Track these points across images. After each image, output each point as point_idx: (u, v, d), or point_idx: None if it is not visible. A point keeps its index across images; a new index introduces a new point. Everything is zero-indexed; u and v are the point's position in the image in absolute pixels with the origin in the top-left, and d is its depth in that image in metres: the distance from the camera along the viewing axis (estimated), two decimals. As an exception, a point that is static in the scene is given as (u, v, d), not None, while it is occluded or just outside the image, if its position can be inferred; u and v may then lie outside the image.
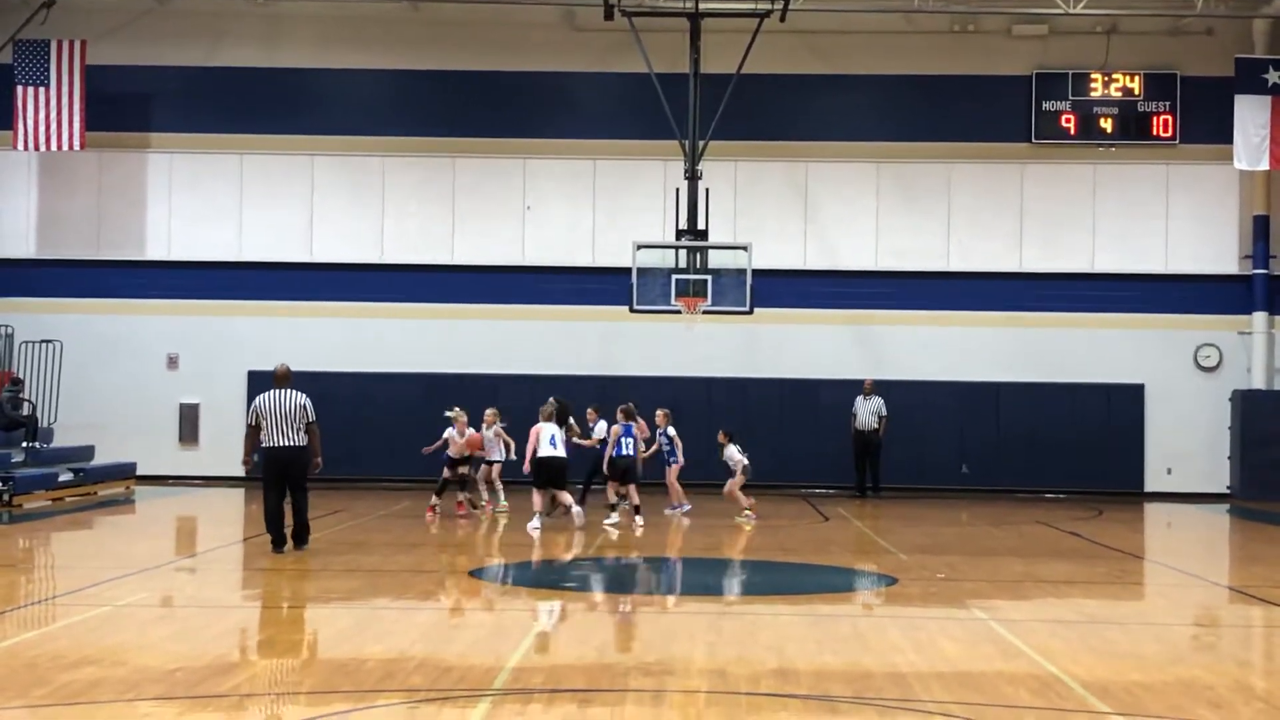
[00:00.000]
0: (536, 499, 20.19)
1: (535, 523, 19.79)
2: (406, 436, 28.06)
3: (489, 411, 22.81)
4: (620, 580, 16.60)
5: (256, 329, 29.08)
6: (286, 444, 16.60)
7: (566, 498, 20.49)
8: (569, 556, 18.07)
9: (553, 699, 9.22)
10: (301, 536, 17.04)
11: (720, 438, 22.58)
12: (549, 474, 20.02)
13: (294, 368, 17.66)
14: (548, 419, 20.26)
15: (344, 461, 25.51)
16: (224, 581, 15.54)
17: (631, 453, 21.13)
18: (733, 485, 22.30)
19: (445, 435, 22.26)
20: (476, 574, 15.33)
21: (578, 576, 16.52)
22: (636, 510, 20.78)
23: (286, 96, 29.49)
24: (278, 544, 16.82)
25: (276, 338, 28.59)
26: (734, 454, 22.26)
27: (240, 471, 18.39)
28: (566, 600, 14.59)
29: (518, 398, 25.83)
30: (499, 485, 22.86)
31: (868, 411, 27.47)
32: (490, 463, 22.77)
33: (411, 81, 29.57)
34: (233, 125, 29.47)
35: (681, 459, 22.60)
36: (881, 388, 27.72)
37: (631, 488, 21.04)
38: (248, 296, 29.27)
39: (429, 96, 29.53)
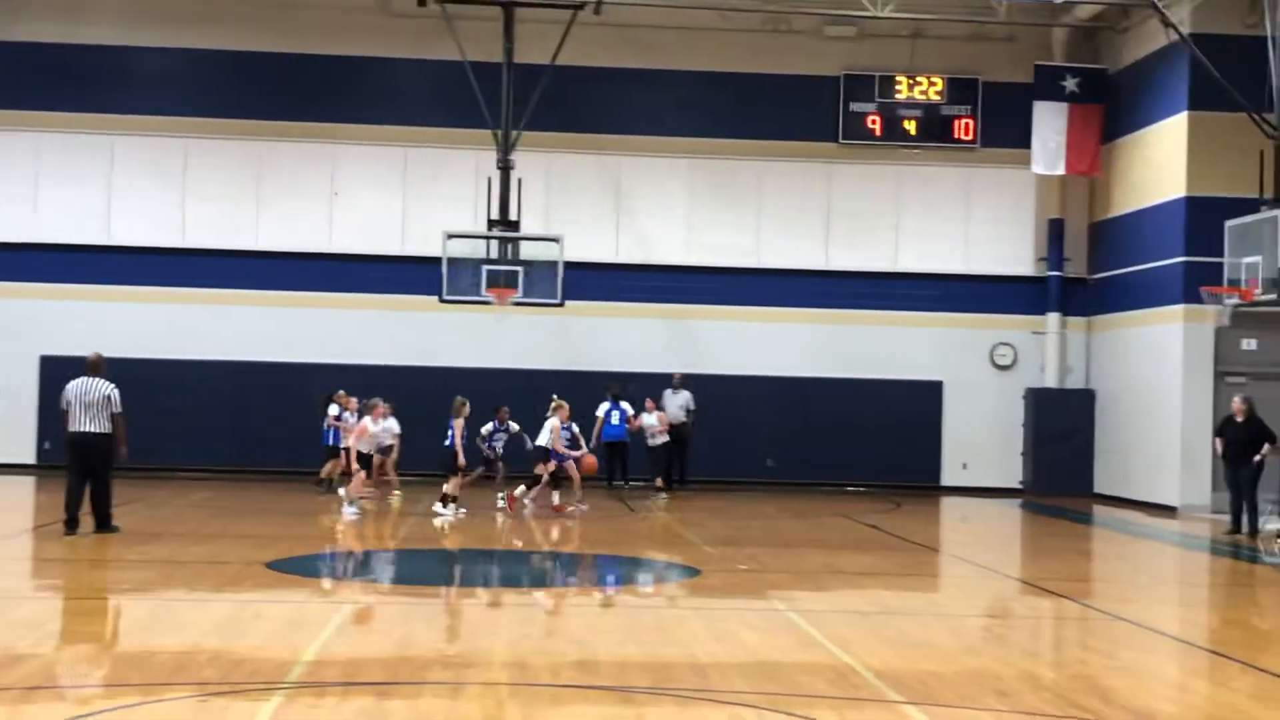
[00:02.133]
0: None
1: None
2: (206, 425, 27.59)
3: (382, 403, 22.39)
4: (423, 573, 16.46)
5: (51, 313, 28.13)
6: (88, 430, 16.75)
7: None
8: (372, 548, 17.87)
9: (348, 692, 9.10)
10: (103, 522, 17.05)
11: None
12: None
13: (84, 353, 17.39)
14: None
15: (140, 450, 24.80)
16: (12, 571, 15.05)
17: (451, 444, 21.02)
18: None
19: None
20: (275, 566, 15.06)
21: (380, 569, 16.34)
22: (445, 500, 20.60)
23: (87, 74, 28.57)
24: (69, 525, 16.77)
25: (72, 322, 27.69)
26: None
27: (32, 459, 17.90)
28: (367, 592, 14.44)
29: (324, 387, 25.42)
30: (393, 475, 22.97)
31: (676, 405, 27.63)
32: (384, 451, 22.71)
33: (218, 62, 28.91)
34: (29, 102, 28.46)
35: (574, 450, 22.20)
36: (692, 381, 27.91)
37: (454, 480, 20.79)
38: (42, 279, 28.30)
39: (236, 78, 28.90)
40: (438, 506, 20.70)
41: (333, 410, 23.65)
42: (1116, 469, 28.29)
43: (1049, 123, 28.53)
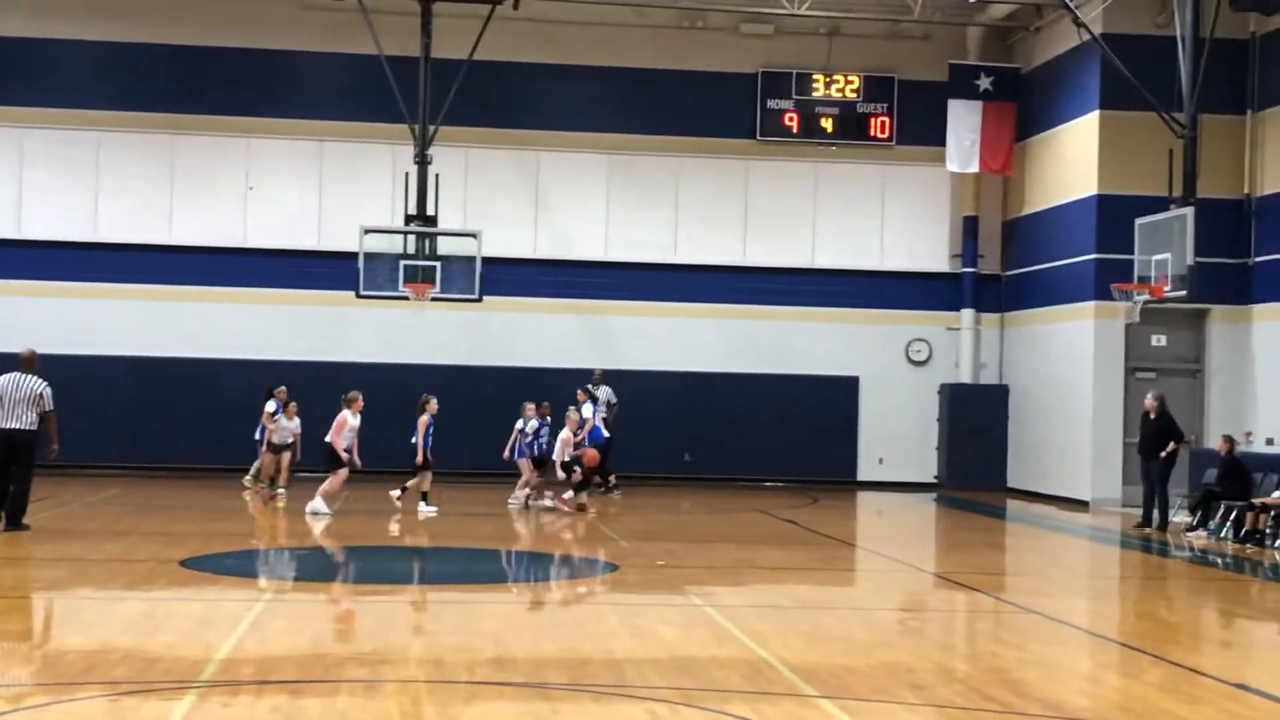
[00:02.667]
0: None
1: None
2: (118, 421, 27.23)
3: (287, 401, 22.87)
4: (339, 570, 16.36)
5: (-42, 308, 27.65)
6: (14, 427, 16.70)
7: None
8: (288, 546, 17.72)
9: (262, 690, 9.02)
10: (14, 519, 16.91)
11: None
12: None
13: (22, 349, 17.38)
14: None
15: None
16: (-84, 572, 14.77)
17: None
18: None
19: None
20: (189, 564, 14.90)
21: (295, 566, 16.22)
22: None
23: (-6, 66, 28.15)
24: None
25: (-20, 317, 27.27)
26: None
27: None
28: (282, 590, 14.33)
29: (238, 383, 25.22)
30: (285, 474, 22.86)
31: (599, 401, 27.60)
32: (285, 448, 22.77)
33: (130, 54, 28.52)
34: (-66, 94, 28.00)
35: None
36: (609, 377, 27.89)
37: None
38: (-52, 273, 27.84)
39: (149, 70, 28.53)
40: (421, 505, 20.69)
41: (269, 406, 23.19)
42: (1030, 464, 28.63)
43: (963, 121, 28.82)
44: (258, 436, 23.58)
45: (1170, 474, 21.80)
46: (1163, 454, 21.44)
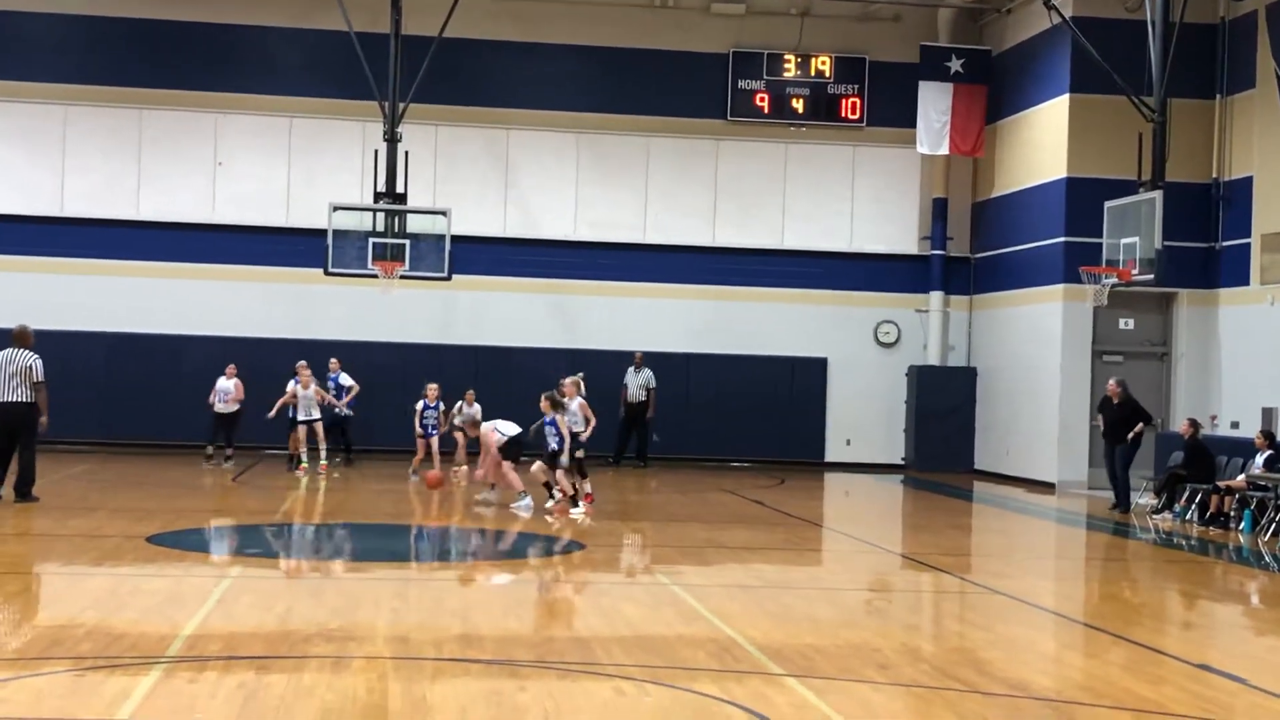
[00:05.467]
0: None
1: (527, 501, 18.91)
2: (87, 398, 27.03)
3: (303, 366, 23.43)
4: (306, 546, 16.33)
5: (-77, 282, 27.43)
6: (11, 400, 17.27)
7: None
8: (254, 523, 17.68)
9: (229, 666, 9.01)
10: (22, 490, 17.43)
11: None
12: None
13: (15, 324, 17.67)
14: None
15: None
16: (-121, 547, 14.68)
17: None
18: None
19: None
20: (155, 540, 14.85)
21: (262, 542, 16.18)
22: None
23: (-41, 38, 27.91)
24: None
25: (-55, 292, 27.09)
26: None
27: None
28: (249, 567, 14.29)
29: (207, 359, 25.12)
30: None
31: (637, 384, 27.74)
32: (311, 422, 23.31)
33: (97, 28, 28.26)
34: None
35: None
36: (578, 358, 27.86)
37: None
38: (-86, 247, 27.60)
39: (116, 44, 28.29)
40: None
41: (290, 385, 23.56)
42: (996, 446, 28.75)
43: (934, 103, 28.86)
44: (291, 415, 23.59)
45: (1133, 457, 21.94)
46: (1130, 435, 21.56)
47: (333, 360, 24.88)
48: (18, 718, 7.63)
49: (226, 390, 24.22)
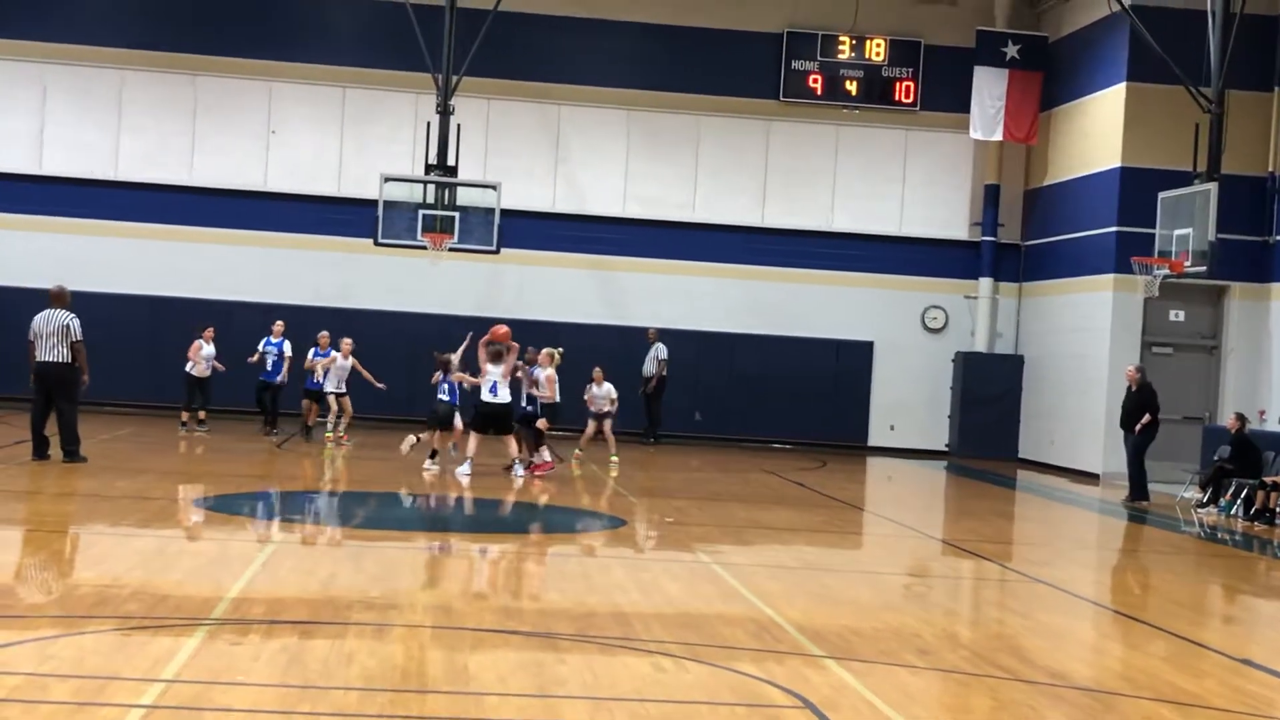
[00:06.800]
0: (473, 444, 19.44)
1: (466, 468, 19.15)
2: (134, 360, 27.25)
3: (348, 341, 23.25)
4: (351, 514, 16.42)
5: (-23, 241, 27.68)
6: (50, 360, 17.32)
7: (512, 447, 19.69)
8: (302, 489, 17.79)
9: (272, 630, 9.08)
10: (69, 451, 17.48)
11: (595, 375, 22.46)
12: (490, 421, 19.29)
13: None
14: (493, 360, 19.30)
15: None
16: (-70, 502, 14.86)
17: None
18: (606, 426, 22.18)
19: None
20: (202, 504, 14.97)
21: (308, 509, 16.28)
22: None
23: (19, 2, 28.07)
24: (36, 451, 17.42)
25: (0, 251, 27.32)
26: (609, 392, 22.16)
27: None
28: (294, 532, 14.39)
29: (253, 325, 25.23)
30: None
31: (648, 359, 27.76)
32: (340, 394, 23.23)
33: (155, -7, 28.48)
34: (-41, 27, 27.96)
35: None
36: (624, 334, 27.92)
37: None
38: (-35, 207, 27.86)
39: (172, 10, 28.46)
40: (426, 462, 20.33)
41: (311, 352, 23.45)
42: (1042, 435, 28.61)
43: (988, 88, 28.68)
44: (309, 384, 23.44)
45: (1147, 446, 21.75)
46: (1137, 426, 21.46)
47: (278, 323, 24.11)
48: (64, 674, 7.72)
49: (210, 355, 23.83)
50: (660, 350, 27.79)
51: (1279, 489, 19.51)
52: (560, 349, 20.97)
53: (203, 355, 23.74)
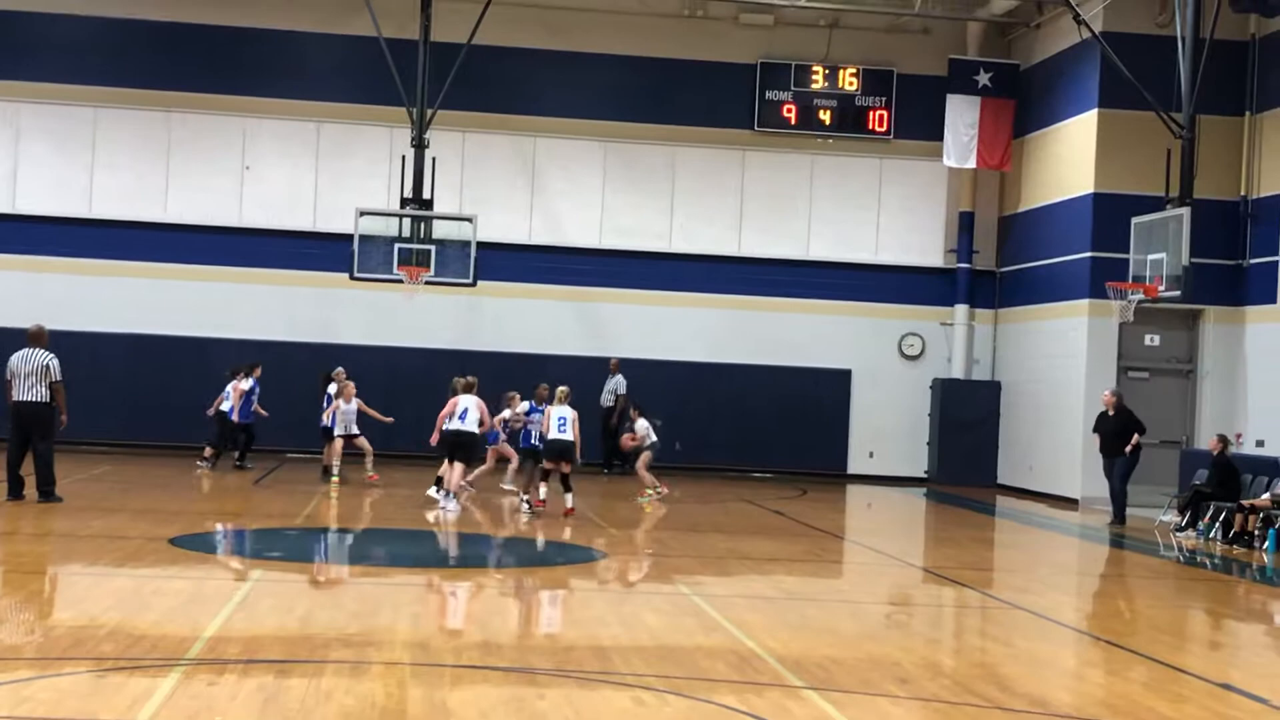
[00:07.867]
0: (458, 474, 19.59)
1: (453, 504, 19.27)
2: (110, 398, 27.14)
3: (350, 385, 22.94)
4: (328, 551, 16.35)
5: (-48, 280, 27.56)
6: (28, 399, 17.32)
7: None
8: (276, 526, 17.71)
9: (248, 669, 9.02)
10: (44, 491, 17.50)
11: (631, 411, 22.35)
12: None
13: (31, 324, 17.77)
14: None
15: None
16: (-96, 544, 14.75)
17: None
18: (641, 462, 21.93)
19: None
20: (178, 542, 14.88)
21: (284, 546, 16.20)
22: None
23: (-9, 39, 28.06)
24: (11, 491, 17.39)
25: (-28, 290, 27.24)
26: (643, 428, 21.78)
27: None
28: (270, 570, 14.30)
29: (227, 363, 25.15)
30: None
31: (607, 390, 27.69)
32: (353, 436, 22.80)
33: (128, 31, 28.39)
34: (-70, 66, 27.89)
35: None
36: (601, 366, 27.88)
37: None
38: (-58, 246, 27.74)
39: (146, 47, 28.41)
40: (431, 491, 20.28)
41: (331, 389, 23.12)
42: (1020, 461, 28.65)
43: (961, 116, 28.82)
44: (327, 423, 23.02)
45: (1132, 470, 21.93)
46: (1127, 448, 21.59)
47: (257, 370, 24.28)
48: (40, 717, 7.65)
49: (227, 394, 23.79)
50: (620, 384, 27.61)
51: (1257, 512, 19.55)
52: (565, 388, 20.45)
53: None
